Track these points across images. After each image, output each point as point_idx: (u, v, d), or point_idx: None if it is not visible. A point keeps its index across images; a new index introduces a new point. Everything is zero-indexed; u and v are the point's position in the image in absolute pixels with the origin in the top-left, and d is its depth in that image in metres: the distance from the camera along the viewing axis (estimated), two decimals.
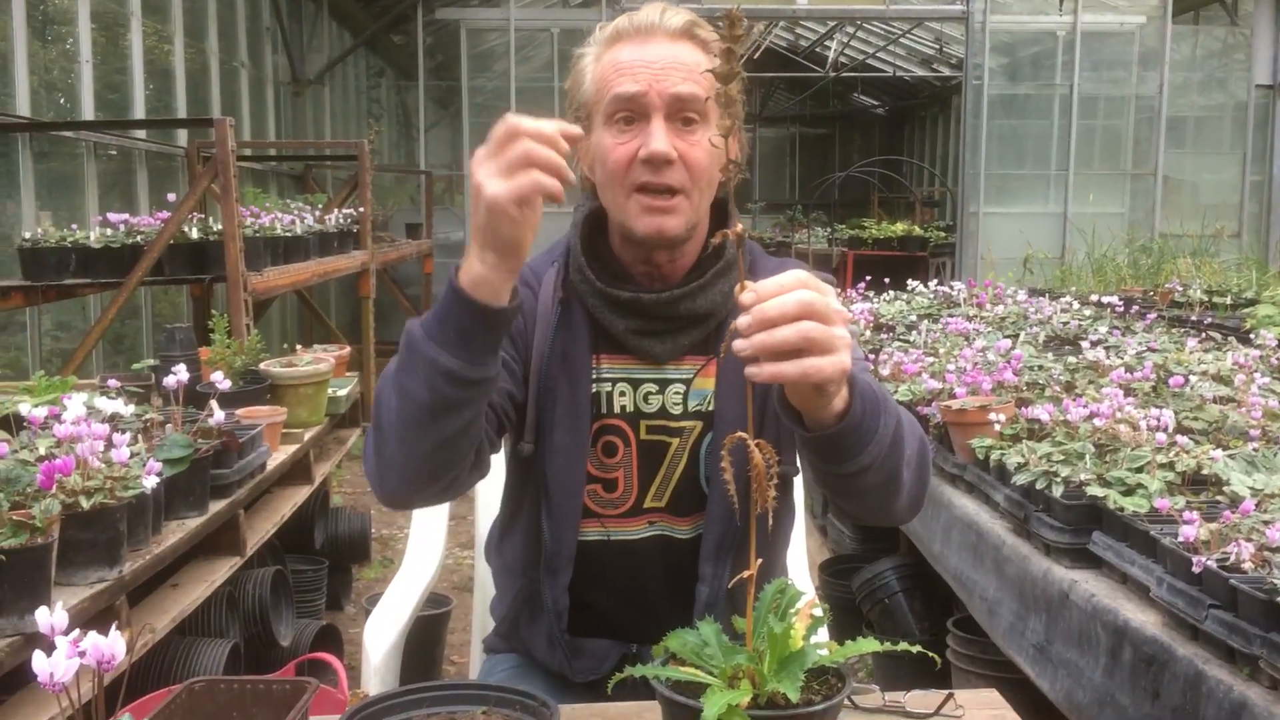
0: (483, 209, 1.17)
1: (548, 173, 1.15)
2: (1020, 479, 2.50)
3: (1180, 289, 5.99)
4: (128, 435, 2.16)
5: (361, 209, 7.41)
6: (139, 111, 6.68)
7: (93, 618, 2.05)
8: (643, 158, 1.44)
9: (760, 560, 1.14)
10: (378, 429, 1.34)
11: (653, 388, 1.57)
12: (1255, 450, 2.50)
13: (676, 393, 1.57)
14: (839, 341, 1.14)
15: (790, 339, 1.10)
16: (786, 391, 1.22)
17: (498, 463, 1.60)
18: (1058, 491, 2.36)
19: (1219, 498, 2.25)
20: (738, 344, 1.11)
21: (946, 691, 1.39)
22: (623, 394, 1.57)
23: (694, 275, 1.54)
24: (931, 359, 3.77)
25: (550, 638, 1.60)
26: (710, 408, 1.57)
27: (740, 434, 1.11)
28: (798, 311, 1.11)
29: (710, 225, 1.56)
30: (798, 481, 1.87)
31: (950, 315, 5.10)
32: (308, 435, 3.61)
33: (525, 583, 1.64)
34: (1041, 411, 2.75)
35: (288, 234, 5.76)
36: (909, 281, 6.30)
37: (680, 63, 1.45)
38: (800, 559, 2.06)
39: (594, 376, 1.56)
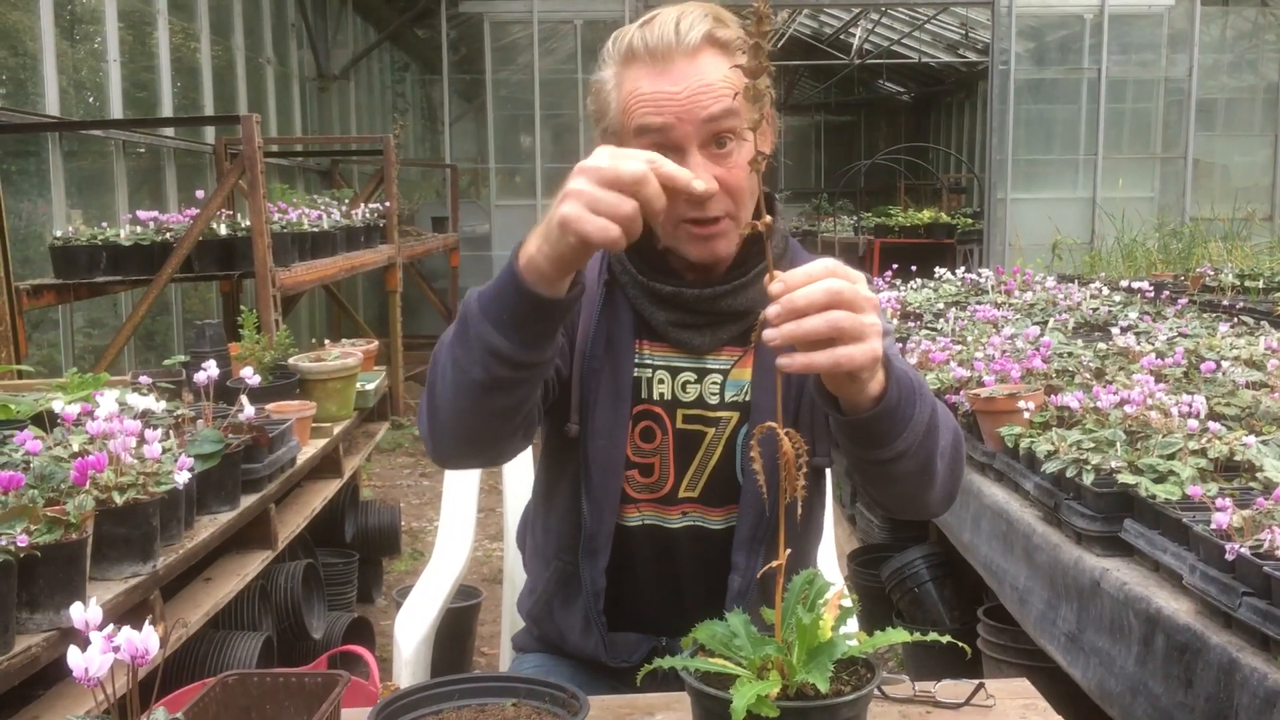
0: (557, 220, 1.15)
1: (624, 225, 1.14)
2: (1050, 467, 2.49)
3: (1211, 273, 5.93)
4: (159, 431, 2.17)
5: (387, 203, 7.44)
6: (167, 109, 6.73)
7: (127, 612, 2.07)
8: (685, 198, 1.42)
9: (790, 551, 1.14)
10: (431, 394, 1.35)
11: (691, 377, 1.57)
12: None
13: (714, 383, 1.57)
14: (869, 329, 1.13)
15: (820, 328, 1.10)
16: (823, 379, 1.22)
17: (525, 450, 1.60)
18: (1088, 479, 2.35)
19: (1252, 484, 2.23)
20: (768, 334, 1.11)
21: (977, 681, 1.39)
22: (661, 381, 1.57)
23: (736, 272, 1.53)
24: (959, 347, 3.74)
25: (587, 620, 1.59)
26: (747, 398, 1.56)
27: (770, 424, 1.11)
28: (826, 300, 1.11)
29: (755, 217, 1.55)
30: (828, 474, 1.87)
31: (978, 303, 5.07)
32: (337, 429, 3.63)
33: (559, 565, 1.63)
34: (1071, 399, 2.73)
35: (315, 229, 5.79)
36: (936, 269, 6.27)
37: (705, 84, 1.39)
38: (829, 549, 2.06)
39: (636, 361, 1.57)
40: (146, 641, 1.01)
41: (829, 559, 2.04)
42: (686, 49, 1.41)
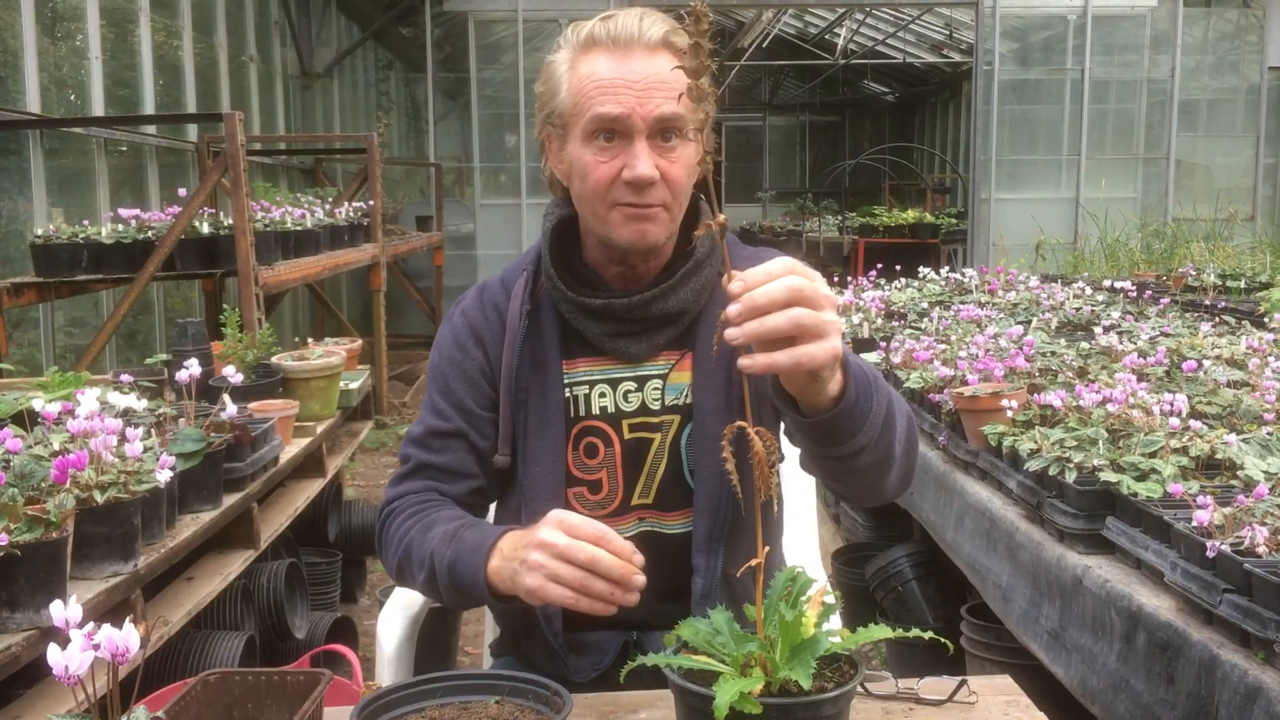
0: (523, 589, 1.32)
1: (587, 594, 1.28)
2: (1033, 465, 2.50)
3: (1194, 273, 5.96)
4: (141, 430, 2.16)
5: (371, 202, 7.42)
6: (149, 107, 6.70)
7: (108, 611, 2.06)
8: (627, 179, 1.46)
9: (767, 549, 1.14)
10: (400, 575, 1.57)
11: (631, 386, 1.58)
12: (1269, 434, 2.49)
13: (655, 388, 1.58)
14: (829, 326, 1.14)
15: (782, 325, 1.11)
16: (781, 379, 1.23)
17: None
18: (1071, 477, 2.36)
19: (1233, 482, 2.24)
20: (730, 332, 1.12)
21: (960, 678, 1.39)
22: (603, 395, 1.59)
23: (663, 276, 1.56)
24: (943, 346, 3.75)
25: (547, 646, 1.59)
26: (688, 400, 1.58)
27: (740, 423, 1.11)
28: (787, 298, 1.12)
29: (684, 220, 1.57)
30: (798, 469, 1.88)
31: (962, 302, 5.09)
32: (320, 428, 3.62)
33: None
34: (1054, 397, 2.73)
35: (298, 228, 5.77)
36: (920, 269, 6.28)
37: (662, 80, 1.44)
38: (812, 547, 2.06)
39: (565, 381, 1.58)
40: (127, 640, 1.01)
41: (812, 557, 2.04)
42: (647, 43, 1.46)
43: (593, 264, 1.59)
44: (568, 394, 1.58)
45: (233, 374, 2.85)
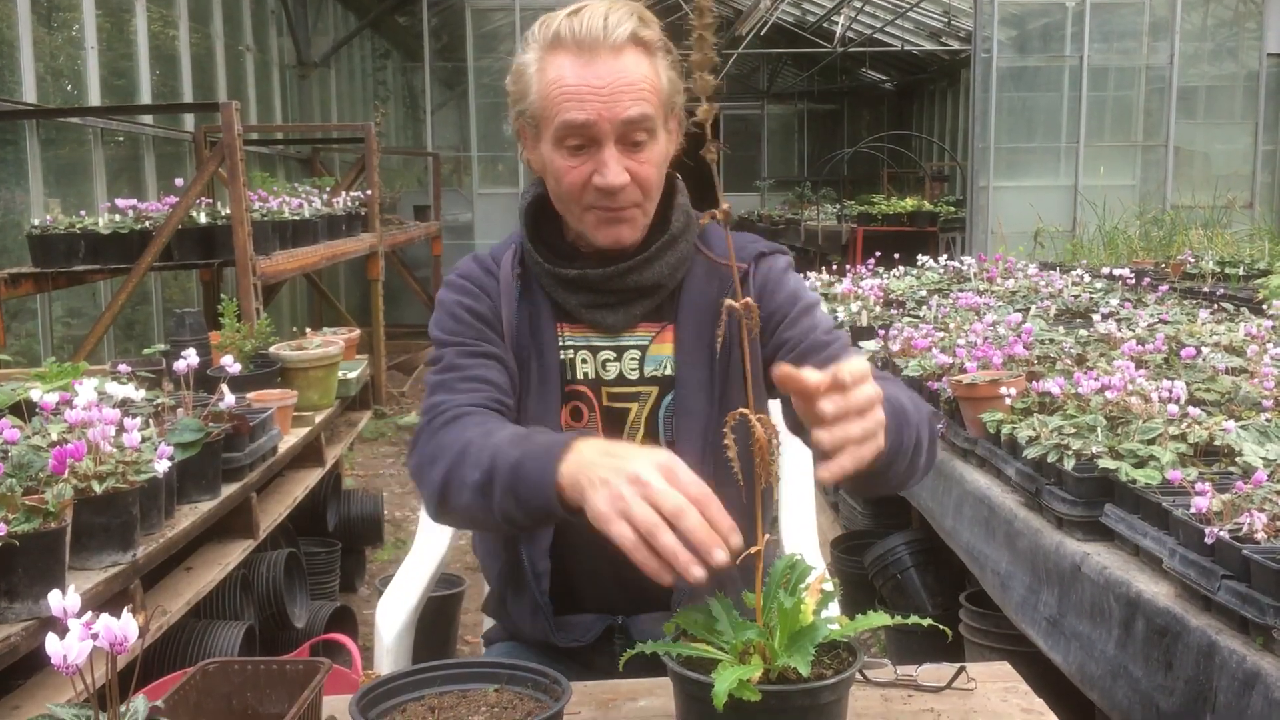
0: (593, 512, 1.16)
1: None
2: (1031, 453, 2.50)
3: (1192, 261, 5.96)
4: (139, 420, 2.16)
5: (369, 191, 7.41)
6: (145, 97, 6.68)
7: (107, 601, 2.06)
8: (598, 186, 1.47)
9: (768, 537, 1.14)
10: (444, 495, 1.40)
11: (610, 355, 1.61)
12: (1268, 421, 2.49)
13: (633, 359, 1.60)
14: (879, 419, 1.14)
15: (855, 435, 1.10)
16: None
17: None
18: (1069, 464, 2.36)
19: (1231, 469, 2.24)
20: (821, 437, 1.09)
21: (958, 665, 1.39)
22: (584, 361, 1.61)
23: (639, 249, 1.57)
24: (942, 334, 3.75)
25: (533, 605, 1.60)
26: (668, 372, 1.60)
27: (742, 410, 1.11)
28: (868, 407, 1.11)
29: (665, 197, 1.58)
30: (797, 457, 1.88)
31: (960, 290, 5.09)
32: (318, 418, 3.62)
33: (507, 558, 1.65)
34: (1053, 385, 2.74)
35: (296, 217, 5.76)
36: (919, 257, 6.28)
37: (628, 82, 1.44)
38: (811, 535, 2.06)
39: (560, 344, 1.60)
40: (125, 629, 1.00)
41: (811, 545, 2.04)
42: (612, 44, 1.44)
43: (570, 240, 1.62)
44: (562, 356, 1.60)
45: (231, 364, 2.85)
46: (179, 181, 5.20)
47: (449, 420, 1.45)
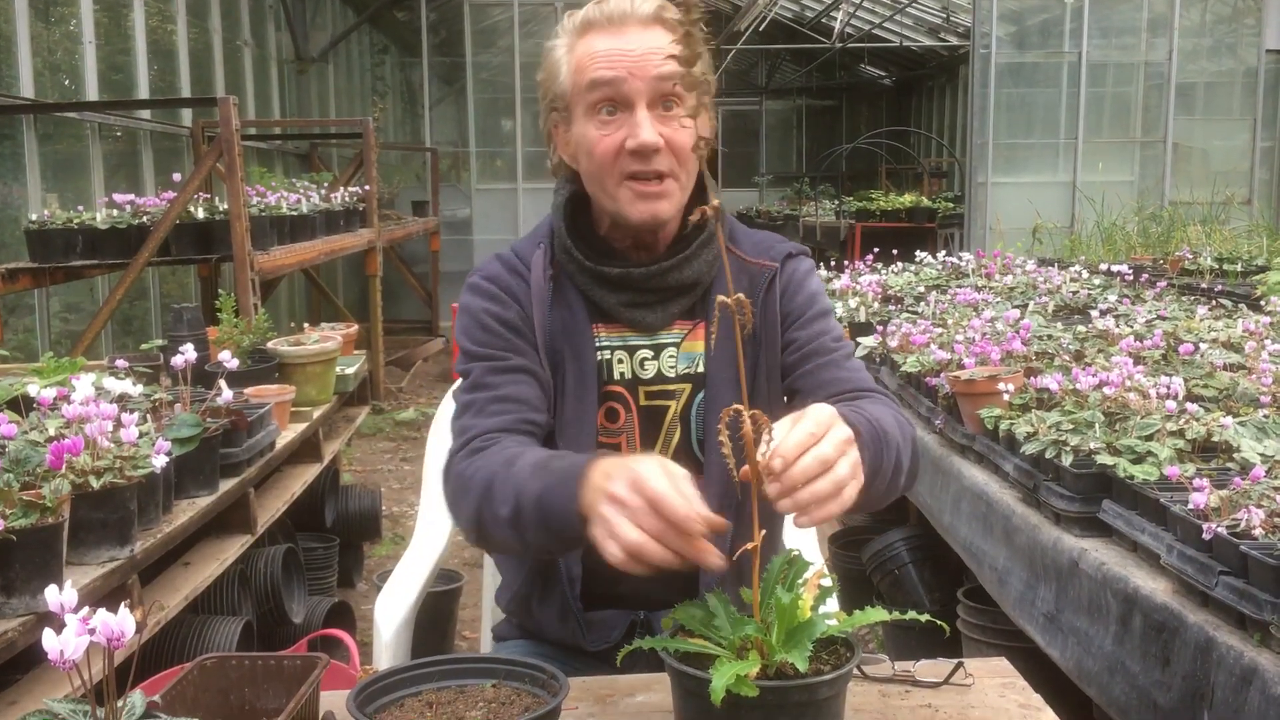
0: (594, 526, 1.19)
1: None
2: (1029, 448, 2.50)
3: (1190, 256, 5.95)
4: (136, 415, 2.16)
5: (367, 187, 7.40)
6: (143, 92, 6.67)
7: (105, 596, 2.06)
8: (631, 148, 1.47)
9: (764, 531, 1.14)
10: (481, 539, 1.43)
11: (648, 354, 1.61)
12: (1266, 417, 2.49)
13: (670, 356, 1.61)
14: (847, 478, 1.16)
15: (805, 499, 1.14)
16: None
17: None
18: (1067, 460, 2.36)
19: (1229, 465, 2.24)
20: (774, 497, 1.13)
21: (956, 660, 1.39)
22: (621, 361, 1.61)
23: (679, 247, 1.57)
24: (940, 330, 3.75)
25: (563, 609, 1.60)
26: (699, 369, 1.60)
27: (736, 405, 1.11)
28: (819, 469, 1.14)
29: (690, 197, 1.59)
30: None
31: (959, 286, 5.08)
32: (316, 413, 3.61)
33: (536, 561, 1.64)
34: (1051, 381, 2.73)
35: (294, 213, 5.76)
36: (917, 253, 6.27)
37: (657, 48, 1.45)
38: (809, 531, 2.06)
39: (596, 345, 1.60)
40: (122, 624, 1.00)
41: (809, 540, 2.04)
42: (641, 18, 1.49)
43: (606, 236, 1.61)
44: (599, 357, 1.59)
45: (228, 359, 2.84)
46: (177, 177, 5.18)
47: (474, 451, 1.45)
